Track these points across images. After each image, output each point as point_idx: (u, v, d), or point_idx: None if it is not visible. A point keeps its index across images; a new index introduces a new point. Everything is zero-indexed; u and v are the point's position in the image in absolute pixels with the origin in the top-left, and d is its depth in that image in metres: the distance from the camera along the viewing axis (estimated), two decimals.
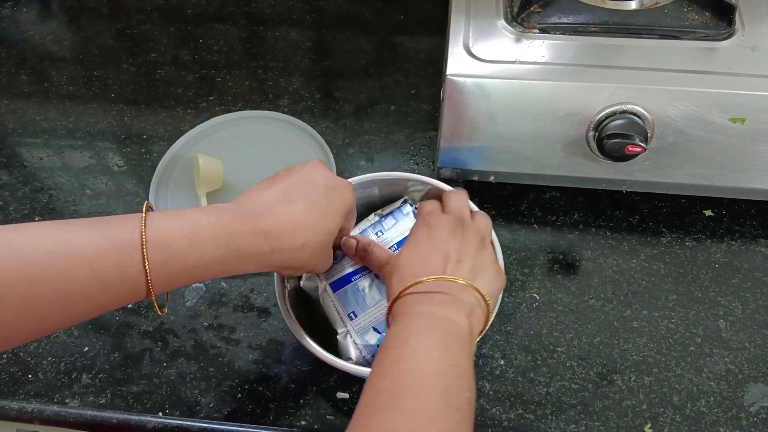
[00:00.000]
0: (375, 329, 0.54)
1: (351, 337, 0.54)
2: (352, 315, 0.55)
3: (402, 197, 0.61)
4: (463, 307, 0.45)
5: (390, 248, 0.56)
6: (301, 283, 0.58)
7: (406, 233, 0.56)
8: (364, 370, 0.51)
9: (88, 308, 0.41)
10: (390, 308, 0.48)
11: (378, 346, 0.53)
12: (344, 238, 0.56)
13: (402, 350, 0.42)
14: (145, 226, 0.41)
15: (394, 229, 0.58)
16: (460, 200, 0.54)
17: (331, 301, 0.56)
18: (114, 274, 0.40)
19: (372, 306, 0.54)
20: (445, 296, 0.45)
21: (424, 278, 0.46)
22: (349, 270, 0.56)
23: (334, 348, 0.55)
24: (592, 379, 0.58)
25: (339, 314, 0.55)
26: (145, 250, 0.40)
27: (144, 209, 0.42)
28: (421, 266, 0.47)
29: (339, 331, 0.55)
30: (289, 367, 0.59)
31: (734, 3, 0.63)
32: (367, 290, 0.55)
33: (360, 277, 0.56)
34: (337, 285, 0.56)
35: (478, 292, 0.47)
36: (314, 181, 0.49)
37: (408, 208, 0.59)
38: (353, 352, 0.54)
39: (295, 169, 0.50)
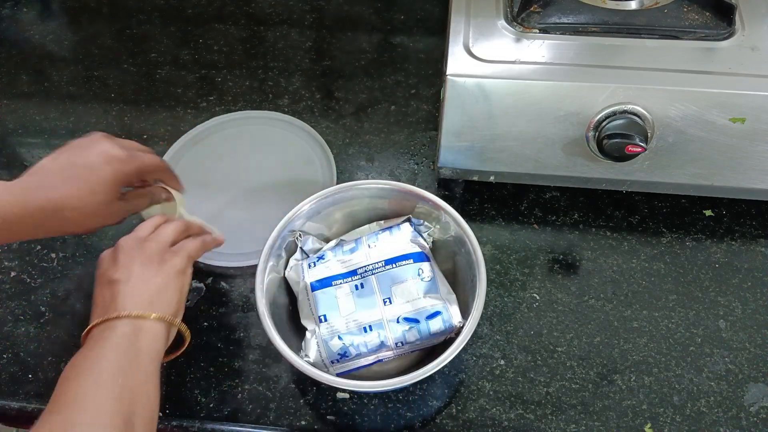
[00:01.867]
0: (339, 337, 0.54)
1: (316, 338, 0.54)
2: (322, 318, 0.55)
3: (407, 215, 0.61)
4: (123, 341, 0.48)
5: (378, 263, 0.56)
6: (285, 272, 0.59)
7: (399, 252, 0.57)
8: (320, 374, 0.51)
9: None
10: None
11: (339, 354, 0.54)
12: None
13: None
14: None
15: (387, 243, 0.58)
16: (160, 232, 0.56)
17: (307, 299, 0.57)
18: None
19: (343, 315, 0.55)
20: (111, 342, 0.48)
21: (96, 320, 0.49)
22: (334, 273, 0.57)
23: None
24: (592, 379, 0.58)
25: (312, 313, 0.56)
26: None
27: None
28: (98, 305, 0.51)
29: (309, 328, 0.56)
30: (289, 367, 0.59)
31: (734, 3, 0.63)
32: (342, 298, 0.56)
33: (341, 283, 0.56)
34: (318, 285, 0.56)
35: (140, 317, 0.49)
36: (87, 159, 0.54)
37: (407, 228, 0.59)
38: (313, 353, 0.54)
39: (75, 147, 0.55)
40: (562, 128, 0.61)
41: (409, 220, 0.60)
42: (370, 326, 0.54)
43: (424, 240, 0.59)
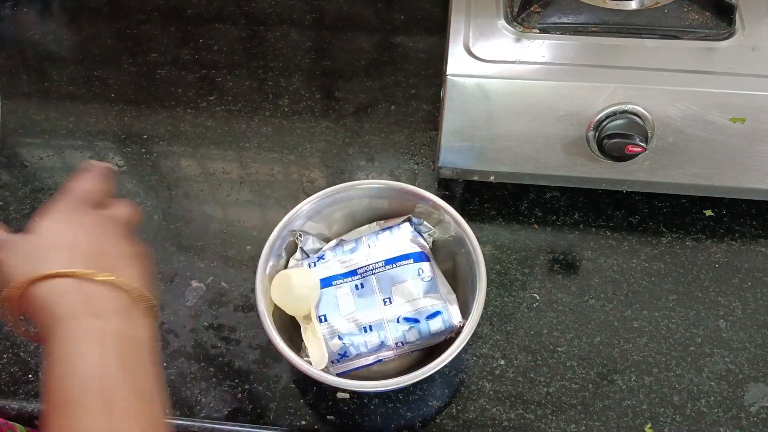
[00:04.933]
0: (339, 337, 0.54)
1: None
2: (322, 318, 0.55)
3: (407, 215, 0.61)
4: (126, 315, 0.40)
5: (378, 263, 0.56)
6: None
7: (399, 252, 0.56)
8: (320, 374, 0.51)
9: None
10: (15, 297, 0.40)
11: (339, 354, 0.54)
12: None
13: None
14: None
15: (387, 243, 0.57)
16: (93, 183, 0.46)
17: None
18: None
19: (343, 315, 0.55)
20: (95, 303, 0.39)
21: (59, 270, 0.39)
22: (334, 273, 0.57)
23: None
24: (592, 379, 0.58)
25: (312, 313, 0.56)
26: None
27: None
28: (51, 252, 0.40)
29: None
30: (289, 367, 0.59)
31: (734, 3, 0.63)
32: (342, 298, 0.55)
33: (342, 283, 0.56)
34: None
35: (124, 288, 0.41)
36: None
37: (407, 228, 0.59)
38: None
39: None
40: (562, 128, 0.61)
41: (409, 220, 0.60)
42: (370, 326, 0.54)
43: (424, 240, 0.59)
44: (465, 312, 0.55)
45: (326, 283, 0.56)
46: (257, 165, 0.74)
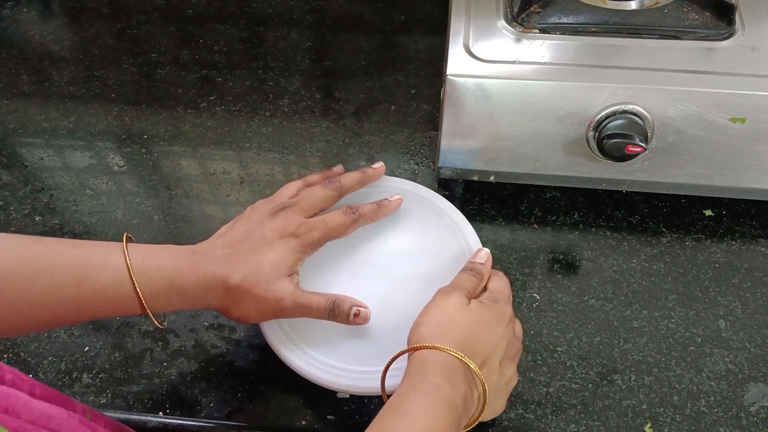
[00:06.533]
0: None
1: None
2: None
3: None
4: (469, 398, 0.46)
5: None
6: None
7: None
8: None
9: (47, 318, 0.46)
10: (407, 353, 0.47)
11: None
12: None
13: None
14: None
15: None
16: (504, 286, 0.53)
17: None
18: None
19: None
20: (462, 384, 0.45)
21: (452, 351, 0.45)
22: None
23: None
24: (592, 379, 0.58)
25: None
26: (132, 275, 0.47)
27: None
28: (461, 341, 0.47)
29: None
30: (290, 367, 0.59)
31: (734, 3, 0.63)
32: None
33: None
34: None
35: (485, 399, 0.47)
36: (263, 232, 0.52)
37: None
38: None
39: (244, 219, 0.53)
40: (562, 128, 0.61)
41: None
42: None
43: None
44: None
45: None
46: (257, 165, 0.74)
